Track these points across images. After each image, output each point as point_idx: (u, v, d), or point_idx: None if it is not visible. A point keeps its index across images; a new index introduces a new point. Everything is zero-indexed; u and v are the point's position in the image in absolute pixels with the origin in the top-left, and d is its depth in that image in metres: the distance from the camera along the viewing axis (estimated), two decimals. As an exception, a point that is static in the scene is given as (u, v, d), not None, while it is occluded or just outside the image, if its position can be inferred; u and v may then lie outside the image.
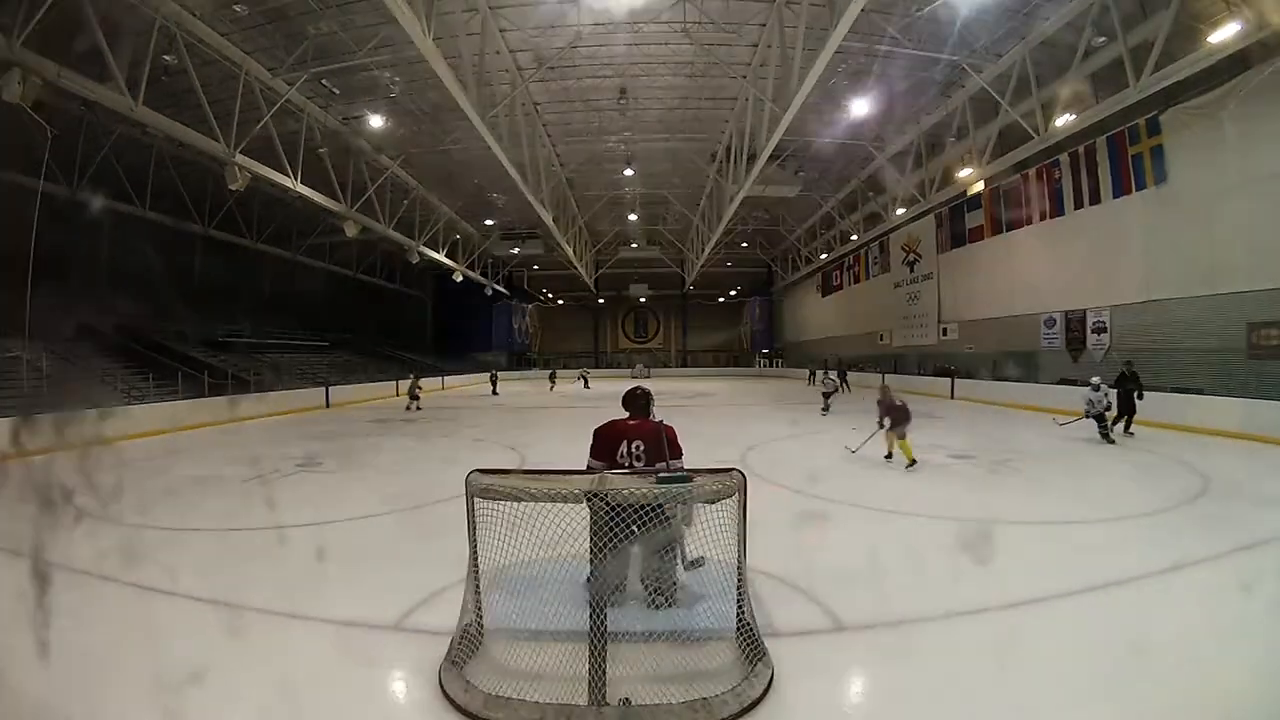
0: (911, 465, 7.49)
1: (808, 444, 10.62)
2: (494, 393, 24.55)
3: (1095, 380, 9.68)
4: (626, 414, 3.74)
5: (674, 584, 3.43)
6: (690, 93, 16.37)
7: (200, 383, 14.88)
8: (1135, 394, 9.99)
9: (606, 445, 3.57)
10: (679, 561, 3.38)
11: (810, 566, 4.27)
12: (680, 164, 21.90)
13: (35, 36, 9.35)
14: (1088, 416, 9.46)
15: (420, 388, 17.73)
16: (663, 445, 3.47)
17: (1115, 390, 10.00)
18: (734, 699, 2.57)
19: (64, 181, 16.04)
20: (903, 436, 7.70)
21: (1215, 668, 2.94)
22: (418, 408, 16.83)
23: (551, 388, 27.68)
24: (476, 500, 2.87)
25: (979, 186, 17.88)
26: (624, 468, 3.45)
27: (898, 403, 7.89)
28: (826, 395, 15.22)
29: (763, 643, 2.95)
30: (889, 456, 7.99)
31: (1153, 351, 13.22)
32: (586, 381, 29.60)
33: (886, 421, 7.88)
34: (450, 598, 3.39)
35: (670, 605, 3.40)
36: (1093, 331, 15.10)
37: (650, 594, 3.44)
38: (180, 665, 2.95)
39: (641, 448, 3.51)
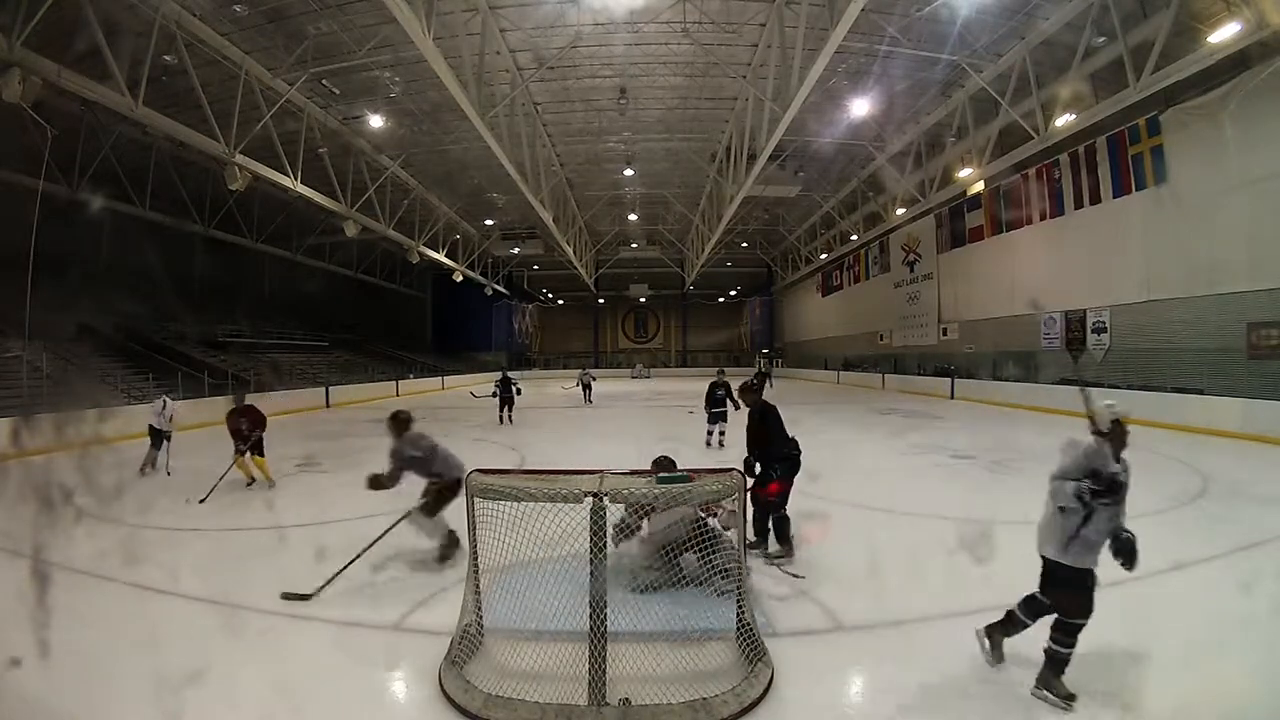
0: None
1: (807, 444, 10.57)
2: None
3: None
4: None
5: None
6: (690, 93, 16.35)
7: (200, 383, 14.85)
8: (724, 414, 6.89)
9: None
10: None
11: (810, 566, 4.27)
12: (680, 164, 21.88)
13: (35, 36, 9.36)
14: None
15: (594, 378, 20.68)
16: None
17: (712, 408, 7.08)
18: (734, 699, 2.57)
19: (64, 181, 16.03)
20: None
21: (1215, 668, 2.95)
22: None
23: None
24: (476, 500, 2.88)
25: (979, 186, 17.87)
26: None
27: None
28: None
29: (763, 643, 2.96)
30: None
31: (1153, 351, 13.21)
32: (512, 402, 14.51)
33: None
34: (450, 598, 3.40)
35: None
36: (1093, 331, 15.10)
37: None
38: (180, 665, 2.96)
39: None
